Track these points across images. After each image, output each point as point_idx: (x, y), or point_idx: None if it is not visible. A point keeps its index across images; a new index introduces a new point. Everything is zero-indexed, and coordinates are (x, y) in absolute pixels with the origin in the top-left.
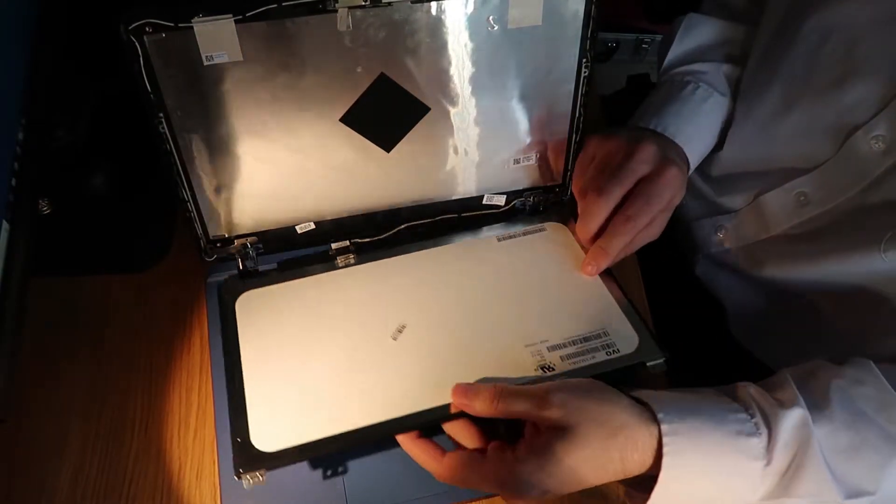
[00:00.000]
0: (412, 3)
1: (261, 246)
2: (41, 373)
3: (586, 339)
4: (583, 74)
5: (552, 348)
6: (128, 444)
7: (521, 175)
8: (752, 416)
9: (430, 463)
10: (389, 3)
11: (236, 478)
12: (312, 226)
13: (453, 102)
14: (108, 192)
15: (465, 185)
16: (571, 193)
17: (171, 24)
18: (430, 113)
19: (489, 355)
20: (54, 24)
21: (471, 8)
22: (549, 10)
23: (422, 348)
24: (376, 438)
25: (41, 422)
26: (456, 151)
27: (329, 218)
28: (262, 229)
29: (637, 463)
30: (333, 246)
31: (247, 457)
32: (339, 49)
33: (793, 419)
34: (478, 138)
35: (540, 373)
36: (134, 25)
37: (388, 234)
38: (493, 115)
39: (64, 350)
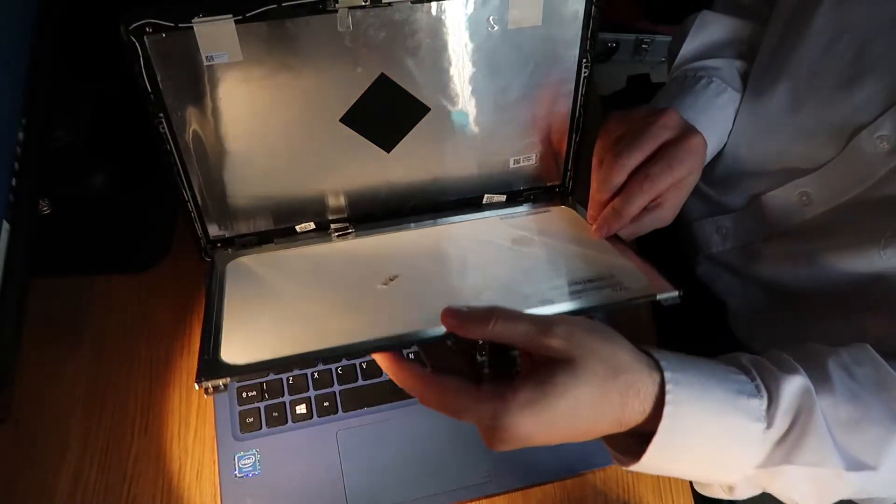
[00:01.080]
0: (412, 3)
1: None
2: (41, 373)
3: (591, 281)
4: (583, 74)
5: (554, 289)
6: (128, 444)
7: (521, 175)
8: (753, 380)
9: (414, 383)
10: (389, 4)
11: (196, 386)
12: (312, 225)
13: (453, 103)
14: (108, 192)
15: (464, 185)
16: (572, 189)
17: (172, 25)
18: (430, 113)
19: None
20: (54, 24)
21: (471, 8)
22: (549, 11)
23: (412, 296)
24: (352, 356)
25: (41, 422)
26: (456, 152)
27: (329, 217)
28: (262, 229)
29: (637, 411)
30: (333, 226)
31: (211, 367)
32: (339, 49)
33: (794, 385)
34: (478, 139)
35: (541, 307)
36: (134, 25)
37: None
38: (493, 116)
39: (64, 350)
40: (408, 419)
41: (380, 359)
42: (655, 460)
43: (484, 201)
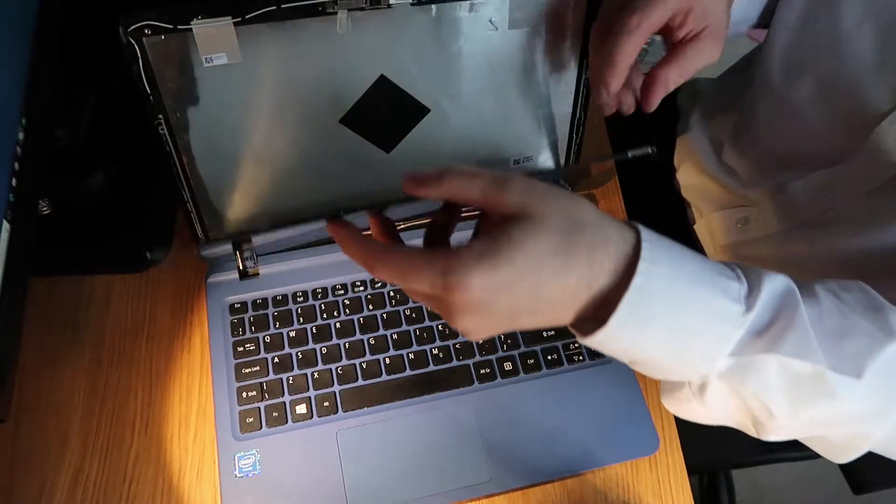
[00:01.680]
0: (412, 4)
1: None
2: (41, 373)
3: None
4: (583, 75)
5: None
6: (128, 444)
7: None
8: (734, 270)
9: (365, 252)
10: (389, 5)
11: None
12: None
13: (453, 103)
14: (108, 192)
15: None
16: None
17: (171, 27)
18: (429, 114)
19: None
20: (54, 24)
21: (471, 10)
22: (549, 12)
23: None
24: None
25: (41, 422)
26: (455, 152)
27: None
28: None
29: (605, 270)
30: None
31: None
32: (338, 51)
33: (778, 282)
34: (478, 139)
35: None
36: (133, 27)
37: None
38: (493, 116)
39: (64, 350)
40: (408, 419)
41: (331, 229)
42: (624, 326)
43: None
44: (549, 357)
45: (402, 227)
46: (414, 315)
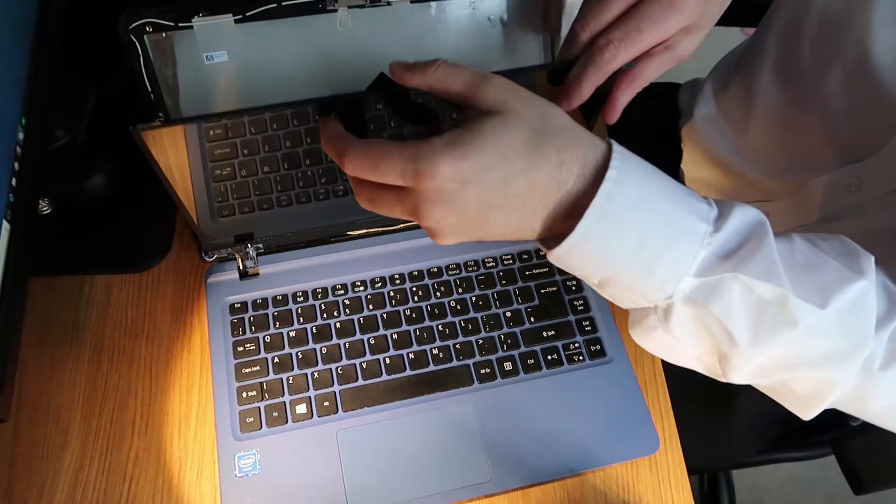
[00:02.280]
0: (411, 2)
1: (260, 246)
2: (41, 373)
3: None
4: None
5: None
6: (128, 444)
7: None
8: (705, 197)
9: (337, 142)
10: (388, 3)
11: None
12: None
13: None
14: (108, 192)
15: None
16: None
17: (172, 24)
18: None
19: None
20: (54, 24)
21: (470, 7)
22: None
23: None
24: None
25: (41, 422)
26: None
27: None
28: (263, 233)
29: (575, 173)
30: None
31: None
32: (338, 48)
33: (748, 213)
34: None
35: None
36: (134, 25)
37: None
38: None
39: (64, 350)
40: (408, 419)
41: (321, 123)
42: (590, 235)
43: None
44: (549, 357)
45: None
46: (414, 315)
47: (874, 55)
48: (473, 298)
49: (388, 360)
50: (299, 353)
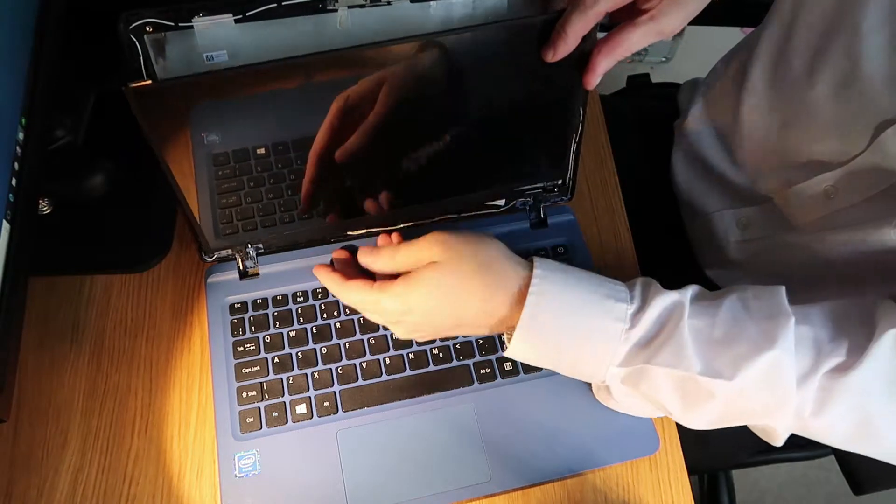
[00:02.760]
0: (412, 1)
1: (261, 246)
2: (41, 373)
3: None
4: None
5: None
6: (128, 444)
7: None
8: (631, 290)
9: (334, 287)
10: (389, 3)
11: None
12: None
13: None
14: (108, 192)
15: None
16: (573, 189)
17: (172, 24)
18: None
19: None
20: (54, 24)
21: (470, 7)
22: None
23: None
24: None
25: (41, 422)
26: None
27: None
28: (263, 235)
29: (503, 302)
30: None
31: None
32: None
33: (668, 299)
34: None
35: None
36: (134, 25)
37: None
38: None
39: (64, 350)
40: (408, 419)
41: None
42: (522, 347)
43: (484, 201)
44: None
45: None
46: None
47: (863, 63)
48: None
49: (388, 361)
50: (299, 353)
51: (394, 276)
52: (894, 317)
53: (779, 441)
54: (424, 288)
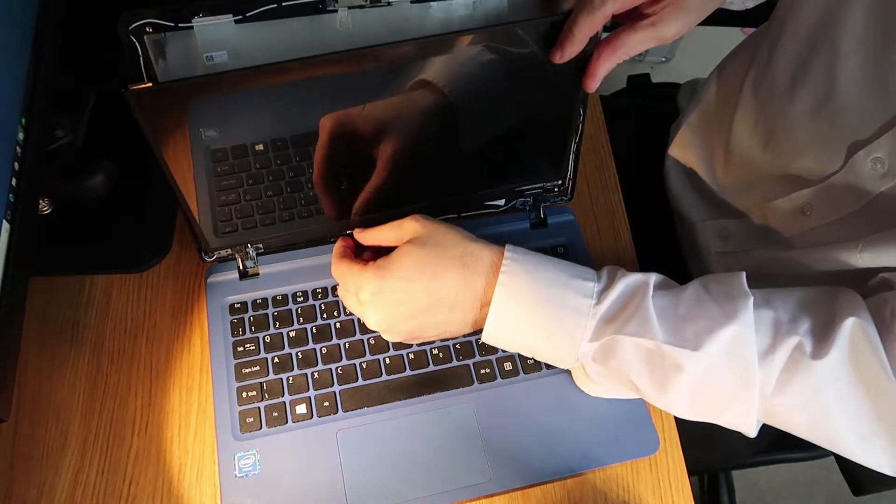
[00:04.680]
0: (412, 2)
1: (261, 246)
2: (41, 373)
3: None
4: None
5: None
6: (128, 444)
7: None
8: (598, 271)
9: (333, 258)
10: (389, 3)
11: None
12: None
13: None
14: (108, 192)
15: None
16: (573, 190)
17: (172, 24)
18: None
19: None
20: (54, 24)
21: (470, 8)
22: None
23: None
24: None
25: (41, 422)
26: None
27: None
28: (264, 235)
29: (478, 272)
30: None
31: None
32: (339, 49)
33: (632, 278)
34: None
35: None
36: (134, 25)
37: None
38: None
39: (64, 350)
40: (408, 419)
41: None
42: (498, 327)
43: (484, 204)
44: None
45: None
46: None
47: (838, 84)
48: None
49: (387, 361)
50: (299, 353)
51: None
52: (854, 305)
53: (752, 431)
54: (405, 258)
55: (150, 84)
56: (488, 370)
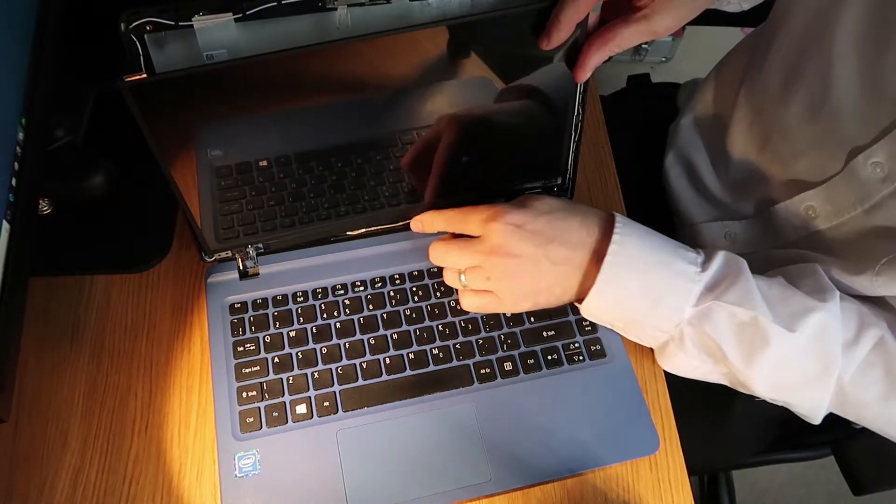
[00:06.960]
0: (411, 1)
1: (261, 246)
2: (41, 373)
3: None
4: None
5: None
6: (128, 444)
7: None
8: (695, 248)
9: (436, 215)
10: (388, 1)
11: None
12: None
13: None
14: (108, 192)
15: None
16: (572, 189)
17: (172, 23)
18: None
19: None
20: (54, 23)
21: (466, 7)
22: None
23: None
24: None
25: (41, 422)
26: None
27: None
28: (263, 230)
29: (595, 227)
30: None
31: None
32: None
33: (729, 256)
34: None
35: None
36: (134, 25)
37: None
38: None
39: (64, 350)
40: (408, 419)
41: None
42: (609, 280)
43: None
44: (549, 357)
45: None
46: (414, 315)
47: (833, 89)
48: None
49: (388, 360)
50: (299, 353)
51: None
52: None
53: (818, 418)
54: (537, 200)
55: (146, 75)
56: (488, 370)
